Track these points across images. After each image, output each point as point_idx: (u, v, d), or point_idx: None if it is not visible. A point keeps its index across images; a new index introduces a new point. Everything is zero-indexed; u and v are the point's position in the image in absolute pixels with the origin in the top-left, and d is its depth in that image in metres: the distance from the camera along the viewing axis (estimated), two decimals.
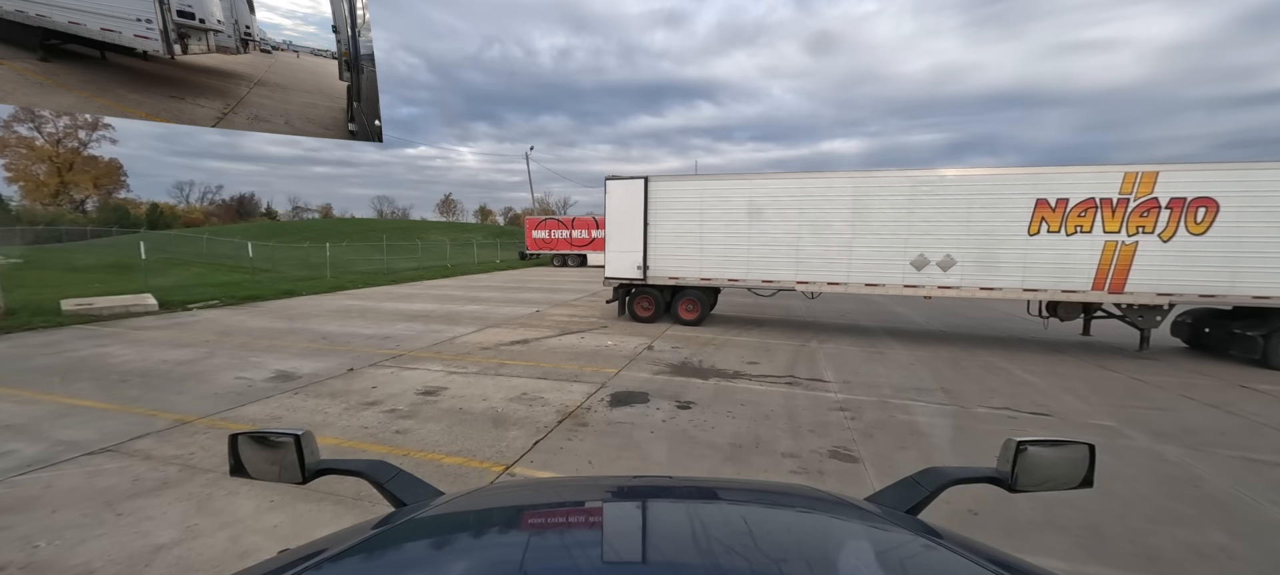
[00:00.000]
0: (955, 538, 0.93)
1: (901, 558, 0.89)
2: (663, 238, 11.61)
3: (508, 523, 1.04)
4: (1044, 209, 9.35)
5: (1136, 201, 8.97)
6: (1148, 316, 9.31)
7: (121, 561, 3.01)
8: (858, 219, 10.31)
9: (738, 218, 11.05)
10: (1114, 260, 9.18)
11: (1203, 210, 8.72)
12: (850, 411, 5.81)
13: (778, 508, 1.12)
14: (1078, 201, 9.20)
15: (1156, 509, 3.77)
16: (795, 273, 10.84)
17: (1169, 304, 9.19)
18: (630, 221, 11.71)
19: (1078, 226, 9.24)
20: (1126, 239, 9.06)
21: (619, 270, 11.97)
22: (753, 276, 11.15)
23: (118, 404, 5.76)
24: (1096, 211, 9.13)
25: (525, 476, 4.16)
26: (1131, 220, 9.01)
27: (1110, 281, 9.21)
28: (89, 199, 63.38)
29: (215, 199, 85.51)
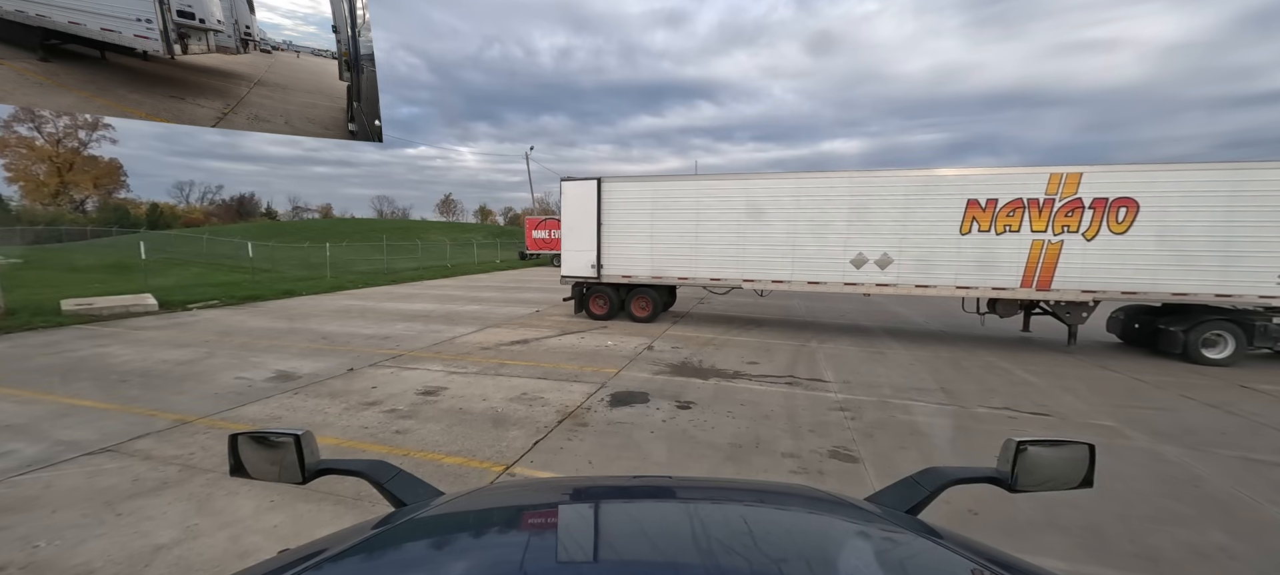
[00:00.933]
0: (955, 538, 0.93)
1: (901, 558, 0.89)
2: (615, 237, 11.90)
3: (508, 523, 1.04)
4: (975, 209, 9.67)
5: (1062, 202, 9.27)
6: (1074, 313, 9.62)
7: (121, 561, 3.01)
8: (800, 219, 10.64)
9: (685, 218, 11.36)
10: (1041, 258, 9.47)
11: (1124, 210, 9.02)
12: (850, 411, 5.81)
13: (778, 508, 1.12)
14: (1006, 202, 9.51)
15: (1156, 509, 3.77)
16: (741, 271, 11.16)
17: (1094, 301, 9.49)
18: (584, 222, 12.00)
19: (1007, 226, 9.56)
20: (1052, 238, 9.37)
21: (574, 269, 12.25)
22: (700, 275, 11.47)
23: (118, 404, 5.76)
24: (1024, 211, 9.44)
25: (525, 476, 4.16)
26: (1057, 220, 9.31)
27: (1038, 279, 9.51)
28: (89, 199, 63.38)
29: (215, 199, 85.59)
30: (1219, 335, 8.77)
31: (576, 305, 12.66)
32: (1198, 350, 8.76)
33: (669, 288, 12.53)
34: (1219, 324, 8.77)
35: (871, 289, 10.41)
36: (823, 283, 10.68)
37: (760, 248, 10.96)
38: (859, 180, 10.31)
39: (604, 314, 12.10)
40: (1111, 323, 10.46)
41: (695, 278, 11.55)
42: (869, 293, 10.53)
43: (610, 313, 12.06)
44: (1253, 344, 8.73)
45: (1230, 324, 8.74)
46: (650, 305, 11.86)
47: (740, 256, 11.13)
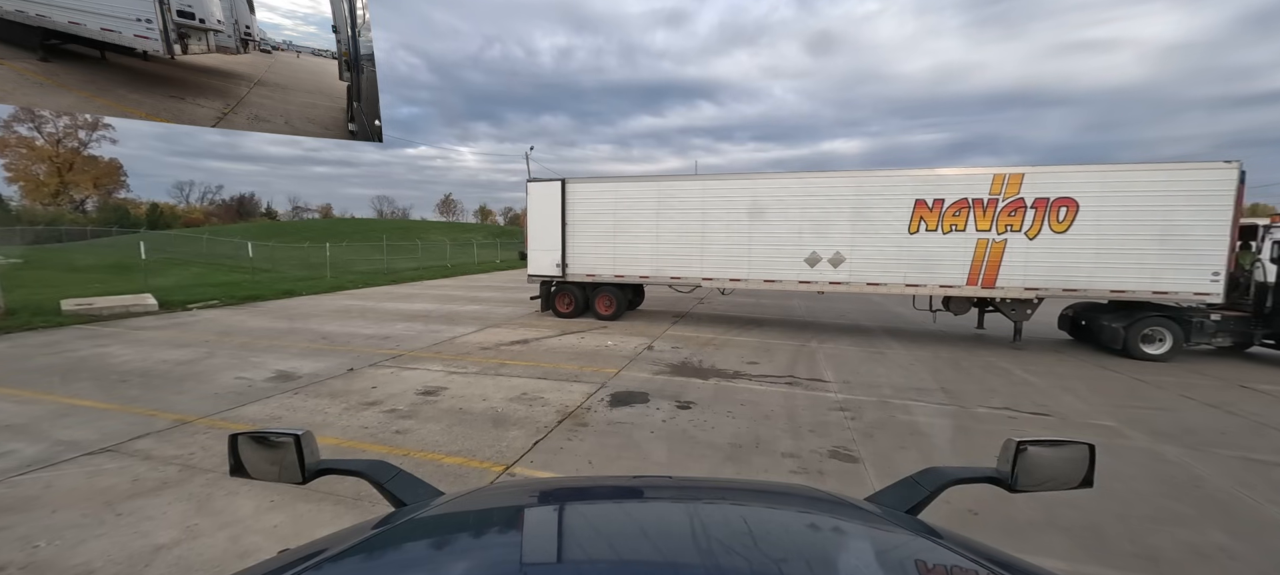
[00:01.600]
0: (955, 538, 0.93)
1: (901, 558, 0.89)
2: (579, 237, 12.15)
3: (508, 523, 1.04)
4: (923, 209, 9.93)
5: (1005, 201, 9.54)
6: (1019, 309, 9.92)
7: (121, 561, 3.01)
8: (756, 219, 10.92)
9: (646, 219, 11.62)
10: (986, 257, 9.74)
11: (1064, 210, 9.27)
12: (850, 411, 5.81)
13: (778, 508, 1.12)
14: (952, 202, 9.78)
15: (1156, 509, 3.77)
16: (701, 270, 11.43)
17: (1038, 298, 9.74)
18: (550, 221, 12.23)
19: (953, 225, 9.83)
20: (996, 237, 9.64)
21: (540, 268, 12.49)
22: (662, 273, 11.73)
23: (118, 404, 5.76)
24: (969, 211, 9.72)
25: (525, 476, 4.16)
26: (1001, 219, 9.58)
27: (983, 277, 9.78)
28: (89, 199, 63.34)
29: (215, 199, 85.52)
30: (1158, 331, 8.98)
31: (543, 304, 12.84)
32: (1137, 346, 8.96)
33: (635, 287, 12.80)
34: (1158, 321, 8.98)
35: (825, 287, 10.70)
36: (778, 281, 10.97)
37: (718, 247, 11.22)
38: (811, 181, 10.63)
39: (569, 312, 12.30)
40: (1062, 320, 10.71)
41: (657, 276, 11.79)
42: (823, 291, 10.81)
43: (575, 310, 12.26)
44: (1190, 341, 8.94)
45: (1169, 320, 8.95)
46: (614, 303, 12.07)
47: (700, 255, 11.39)
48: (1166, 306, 9.13)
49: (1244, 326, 8.94)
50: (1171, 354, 8.87)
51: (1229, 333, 8.99)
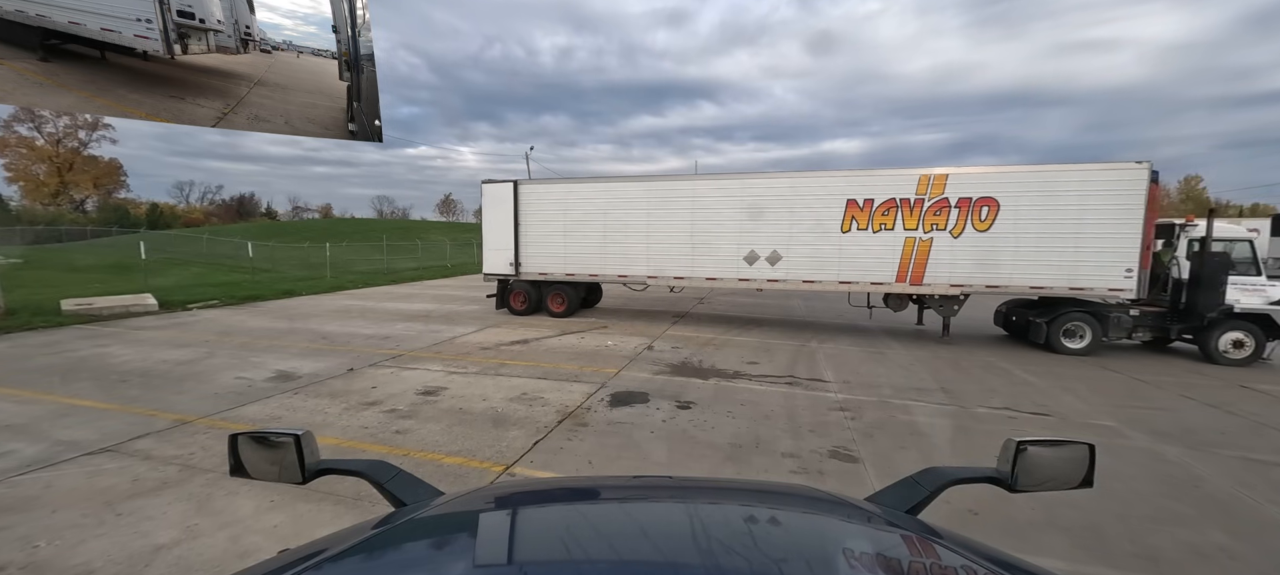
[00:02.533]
0: (955, 538, 0.93)
1: (901, 558, 0.89)
2: (531, 237, 12.46)
3: (508, 523, 1.04)
4: (854, 209, 10.22)
5: (930, 201, 9.81)
6: (947, 306, 10.17)
7: (121, 561, 3.01)
8: (698, 219, 11.21)
9: (595, 218, 11.91)
10: (913, 255, 10.01)
11: (986, 209, 9.56)
12: (850, 411, 5.81)
13: (778, 508, 1.12)
14: (881, 202, 10.05)
15: (1156, 509, 3.77)
16: (646, 268, 11.73)
17: (964, 294, 10.01)
18: (503, 222, 12.54)
19: (882, 225, 10.11)
20: (923, 236, 9.92)
21: (495, 266, 12.81)
22: (609, 271, 12.01)
23: (118, 404, 5.76)
24: (897, 211, 9.99)
25: (525, 476, 4.16)
26: (927, 218, 9.86)
27: (911, 275, 10.07)
28: (89, 199, 63.34)
29: (215, 199, 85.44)
30: (1078, 327, 9.24)
31: (498, 302, 13.05)
32: (1058, 340, 9.26)
33: (592, 285, 13.17)
34: (1077, 316, 9.24)
35: (764, 285, 11.00)
36: (720, 279, 11.27)
37: (663, 246, 11.51)
38: (749, 182, 10.96)
39: (524, 309, 12.50)
40: (996, 316, 10.95)
41: (605, 274, 12.09)
42: (761, 288, 11.12)
43: (529, 308, 12.47)
44: (1107, 335, 9.19)
45: (1088, 315, 9.21)
46: (565, 301, 12.32)
47: (645, 254, 11.68)
48: (1088, 302, 9.40)
49: (1162, 321, 9.19)
50: (1091, 349, 9.15)
51: (1149, 327, 9.26)
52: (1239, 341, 8.60)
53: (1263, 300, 8.60)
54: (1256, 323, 8.56)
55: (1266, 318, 8.54)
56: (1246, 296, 8.61)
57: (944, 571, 0.85)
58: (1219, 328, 8.63)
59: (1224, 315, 8.59)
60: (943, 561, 0.87)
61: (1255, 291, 8.65)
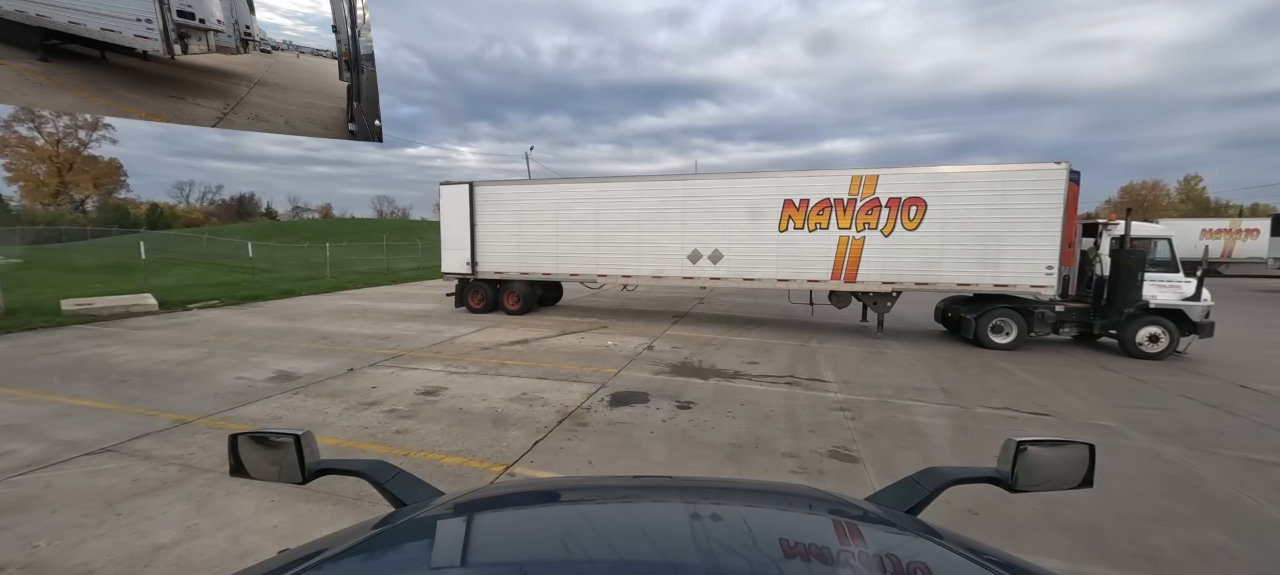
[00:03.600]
0: (955, 538, 0.93)
1: (901, 558, 0.89)
2: (487, 237, 12.82)
3: (507, 523, 1.04)
4: (790, 209, 10.57)
5: (862, 201, 10.15)
6: (881, 302, 10.61)
7: (121, 561, 3.01)
8: (644, 219, 11.56)
9: (547, 219, 12.28)
10: (847, 253, 10.38)
11: (914, 208, 9.89)
12: (850, 411, 5.81)
13: (778, 508, 1.12)
14: (816, 202, 10.41)
15: (1156, 509, 3.77)
16: (596, 266, 12.08)
17: (896, 292, 10.37)
18: (460, 222, 12.89)
19: (817, 224, 10.47)
20: (856, 234, 10.27)
21: (453, 266, 13.18)
22: (562, 270, 12.39)
23: (118, 404, 5.76)
24: (831, 210, 10.34)
25: (525, 476, 4.16)
26: (859, 218, 10.21)
27: (845, 272, 10.43)
28: (89, 199, 63.31)
29: (215, 199, 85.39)
30: (1004, 322, 9.55)
31: (457, 300, 13.33)
32: (986, 335, 9.56)
33: (553, 285, 13.59)
34: (1004, 312, 9.55)
35: (707, 282, 11.36)
36: (665, 277, 11.64)
37: (611, 245, 11.86)
38: (691, 184, 11.35)
39: (481, 308, 12.86)
40: (936, 312, 11.22)
41: (558, 273, 12.46)
42: (705, 286, 11.45)
43: (487, 306, 12.82)
44: (1032, 331, 9.50)
45: (1014, 311, 9.51)
46: (520, 299, 12.63)
47: (594, 253, 12.01)
48: (1017, 298, 9.68)
49: (1086, 317, 9.46)
50: (1016, 343, 9.44)
51: (1074, 323, 9.54)
52: (1155, 336, 8.93)
53: (1177, 296, 8.96)
54: (1170, 318, 8.92)
55: (1179, 313, 8.91)
56: (1162, 293, 8.98)
57: (944, 571, 0.85)
58: (1136, 322, 8.97)
59: (1141, 310, 8.94)
60: (943, 561, 0.87)
61: (1171, 288, 9.01)
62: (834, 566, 0.83)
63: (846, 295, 10.88)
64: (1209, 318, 8.96)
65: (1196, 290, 8.87)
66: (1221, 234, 27.74)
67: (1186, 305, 8.89)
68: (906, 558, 0.89)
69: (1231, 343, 10.01)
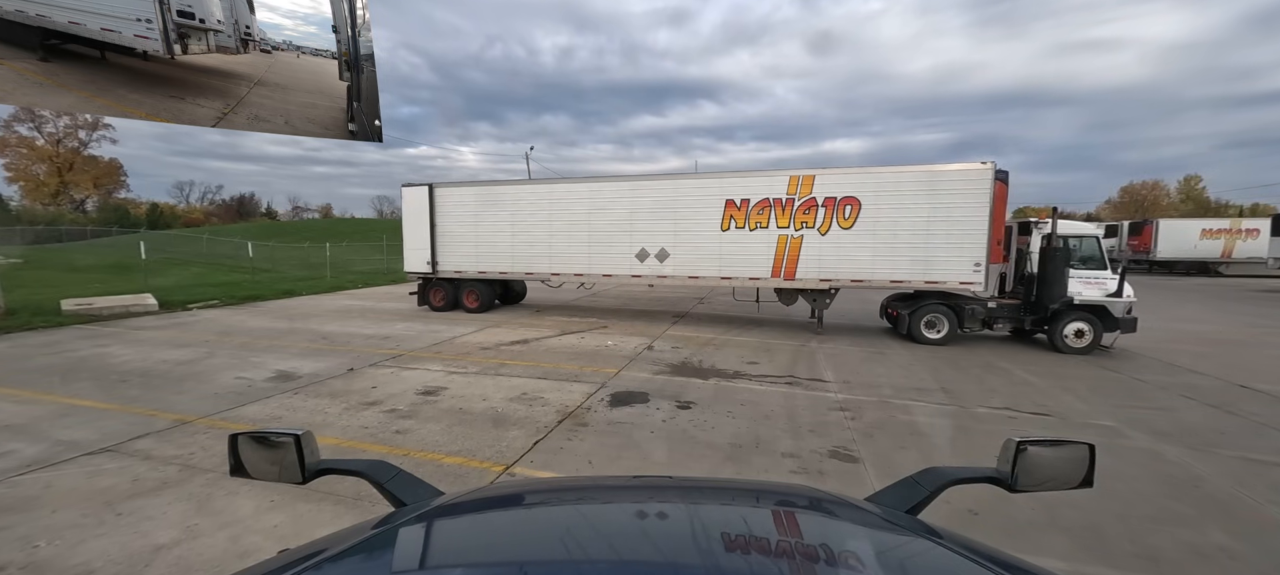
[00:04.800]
0: (955, 538, 0.93)
1: (901, 558, 0.89)
2: (446, 237, 13.15)
3: (507, 523, 1.04)
4: (732, 208, 10.83)
5: (800, 201, 10.42)
6: (820, 299, 10.87)
7: (121, 561, 3.01)
8: (594, 219, 11.86)
9: (503, 219, 12.59)
10: (786, 251, 10.63)
11: (849, 208, 10.16)
12: (850, 411, 5.81)
13: (778, 508, 1.12)
14: (757, 201, 10.66)
15: (1157, 509, 3.77)
16: (549, 265, 12.40)
17: (833, 288, 10.68)
18: (421, 223, 13.22)
19: (758, 223, 10.71)
20: (794, 233, 10.53)
21: (414, 265, 13.53)
22: (517, 269, 12.69)
23: (118, 404, 5.76)
24: (771, 210, 10.60)
25: (525, 476, 4.16)
26: (797, 217, 10.47)
27: (784, 270, 10.69)
28: (89, 199, 63.29)
29: (215, 199, 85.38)
30: (936, 317, 9.76)
31: (419, 299, 13.59)
32: (919, 331, 9.79)
33: (510, 283, 13.85)
34: (935, 308, 9.78)
35: (654, 280, 11.65)
36: (615, 275, 11.94)
37: (563, 244, 12.16)
38: (639, 185, 11.63)
39: (443, 306, 13.15)
40: (881, 309, 11.43)
41: (513, 272, 12.76)
42: (652, 284, 11.76)
43: (448, 304, 13.13)
44: (963, 327, 9.74)
45: (945, 307, 9.73)
46: (479, 298, 12.95)
47: (548, 252, 12.31)
48: (954, 295, 9.85)
49: (1017, 313, 9.64)
50: (948, 339, 9.66)
51: (1007, 319, 9.75)
52: (1080, 331, 9.11)
53: (1101, 293, 9.14)
54: (1094, 313, 9.10)
55: (1103, 308, 9.11)
56: (1088, 289, 9.15)
57: (944, 571, 0.85)
58: (1062, 318, 9.14)
59: (1066, 306, 9.12)
60: (943, 561, 0.87)
61: (1096, 285, 9.18)
62: (834, 567, 0.83)
63: (793, 293, 11.12)
64: (1131, 313, 9.20)
65: (1118, 286, 9.09)
66: (1221, 234, 27.71)
67: (1109, 301, 9.09)
68: (906, 558, 0.89)
69: (1232, 343, 10.01)
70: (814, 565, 0.81)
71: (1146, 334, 9.83)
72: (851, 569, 0.82)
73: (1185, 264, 28.10)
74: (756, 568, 0.78)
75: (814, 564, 0.82)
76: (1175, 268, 28.23)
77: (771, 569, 0.77)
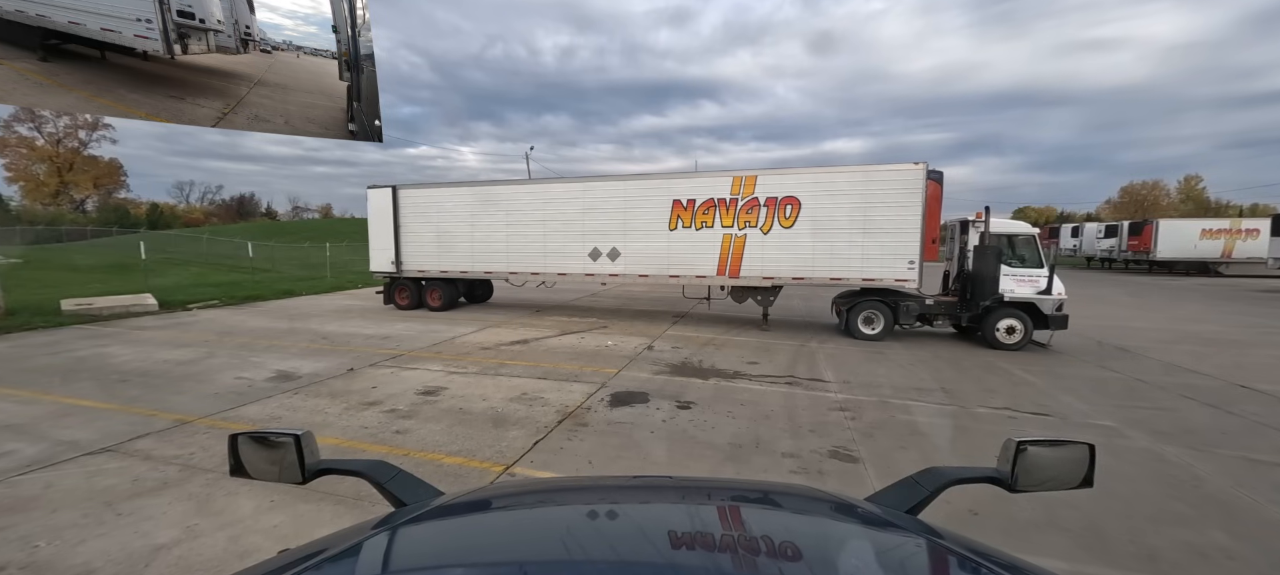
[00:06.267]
0: (955, 538, 0.93)
1: (901, 558, 0.89)
2: (409, 237, 13.47)
3: (507, 523, 1.04)
4: (679, 209, 11.16)
5: (743, 201, 10.71)
6: (765, 296, 11.18)
7: (121, 561, 3.01)
8: (548, 220, 12.18)
9: (463, 220, 12.93)
10: (731, 250, 10.92)
11: (790, 207, 10.45)
12: (850, 411, 5.81)
13: (778, 508, 1.12)
14: (702, 202, 10.98)
15: (1157, 509, 3.77)
16: (507, 265, 12.69)
17: (775, 285, 10.95)
18: (385, 224, 13.56)
19: (703, 222, 11.03)
20: (738, 232, 10.83)
21: (379, 265, 13.86)
22: (476, 268, 12.98)
23: (118, 404, 5.76)
24: (716, 210, 10.91)
25: (525, 476, 4.16)
26: (741, 217, 10.76)
27: (729, 268, 10.99)
28: (89, 199, 63.28)
29: (215, 199, 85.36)
30: (873, 314, 10.06)
31: (386, 298, 13.90)
32: (857, 327, 10.09)
33: (474, 282, 14.06)
34: (873, 304, 10.08)
35: (606, 278, 11.98)
36: (569, 273, 12.22)
37: (520, 244, 12.47)
38: (591, 186, 11.96)
39: (408, 305, 13.47)
40: (832, 307, 11.59)
41: (474, 271, 13.02)
42: (605, 282, 12.13)
43: (412, 303, 13.43)
44: (899, 323, 10.01)
45: (882, 304, 10.04)
46: (441, 296, 13.25)
47: (506, 252, 12.61)
48: (899, 292, 10.10)
49: (954, 310, 9.88)
50: (883, 334, 9.95)
51: (945, 315, 10.04)
52: (1011, 327, 9.31)
53: (1033, 290, 9.28)
54: (1025, 310, 9.27)
55: (1033, 305, 9.27)
56: (1020, 286, 9.32)
57: (944, 571, 0.85)
58: (994, 314, 9.33)
59: (997, 303, 9.31)
60: (943, 561, 0.87)
61: (1028, 282, 9.33)
62: (834, 567, 0.83)
63: (743, 290, 11.33)
64: (1062, 310, 9.32)
65: (1048, 284, 9.21)
66: (1221, 234, 27.71)
67: (1039, 298, 9.24)
68: (906, 558, 0.89)
69: (1232, 343, 10.01)
70: (814, 565, 0.81)
71: (1147, 334, 9.84)
72: (852, 569, 0.82)
73: (1185, 264, 28.09)
74: (756, 568, 0.78)
75: (814, 564, 0.82)
76: (1175, 268, 28.24)
77: (771, 569, 0.77)
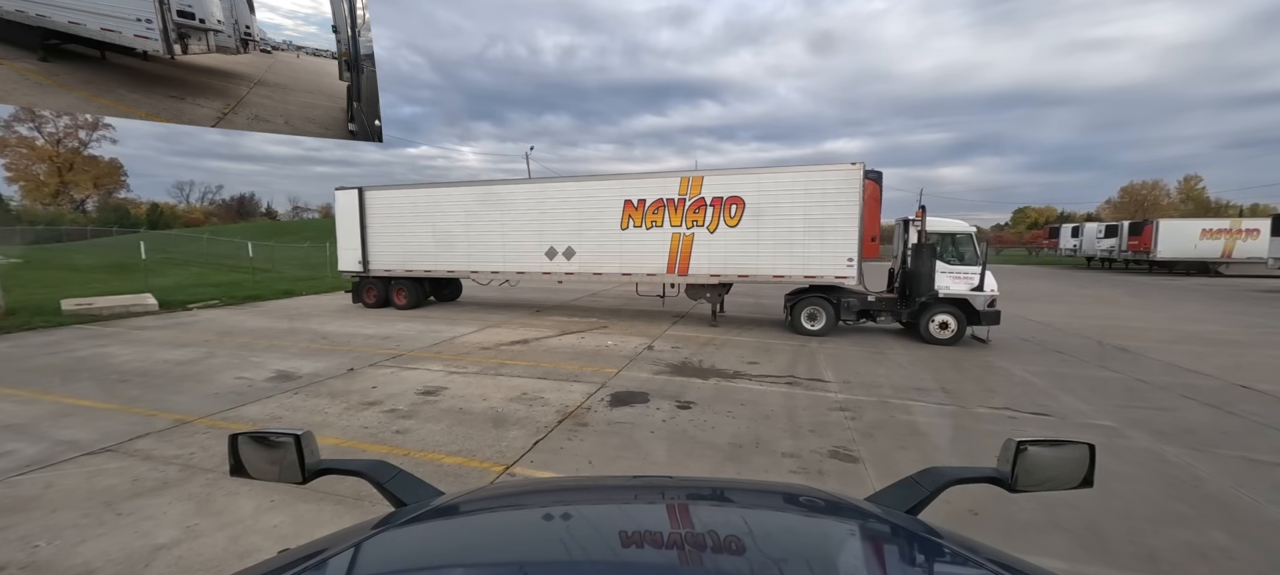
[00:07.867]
0: (955, 538, 0.93)
1: (901, 558, 0.89)
2: (375, 237, 13.82)
3: (507, 523, 1.04)
4: (630, 209, 11.45)
5: (690, 201, 11.02)
6: (715, 293, 11.44)
7: (121, 561, 3.01)
8: (508, 219, 12.49)
9: (425, 220, 13.25)
10: (679, 249, 11.24)
11: (735, 207, 10.73)
12: (850, 411, 5.81)
13: (777, 508, 1.12)
14: (652, 202, 11.27)
15: (1157, 509, 3.77)
16: (468, 264, 12.99)
17: (720, 283, 11.22)
18: (352, 224, 13.91)
19: (653, 222, 11.33)
20: (686, 231, 11.14)
21: (347, 264, 14.24)
22: (439, 267, 13.30)
23: (118, 404, 5.76)
24: (665, 210, 11.21)
25: (525, 476, 4.16)
26: (688, 216, 11.07)
27: (679, 265, 11.29)
28: (89, 199, 63.24)
29: (215, 199, 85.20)
30: (815, 310, 10.42)
31: (354, 297, 14.27)
32: (800, 322, 10.45)
33: (440, 281, 14.30)
34: (815, 301, 10.43)
35: (563, 277, 12.31)
36: (527, 272, 12.54)
37: (480, 244, 12.78)
38: (546, 187, 12.35)
39: (375, 303, 13.86)
40: (784, 304, 11.63)
41: (436, 270, 13.34)
42: (561, 280, 12.49)
43: (379, 302, 13.83)
44: (840, 319, 10.39)
45: (824, 300, 10.39)
46: (407, 295, 13.58)
47: (467, 252, 12.94)
48: (845, 289, 10.39)
49: (895, 306, 10.17)
50: (826, 330, 10.31)
51: (887, 312, 10.29)
52: (944, 323, 9.56)
53: (966, 287, 9.50)
54: (959, 307, 9.52)
55: (966, 301, 9.51)
56: (955, 283, 9.55)
57: (944, 571, 0.85)
58: (929, 310, 9.59)
59: (932, 299, 9.58)
60: (943, 561, 0.87)
61: (962, 279, 9.56)
62: (834, 567, 0.83)
63: (700, 288, 11.53)
64: (994, 307, 9.52)
65: (980, 281, 9.40)
66: (1221, 234, 27.71)
67: (971, 294, 9.45)
68: (906, 558, 0.89)
69: (1232, 343, 10.01)
70: (814, 565, 0.81)
71: (1147, 334, 9.84)
72: (852, 569, 0.82)
73: (1185, 264, 28.10)
74: (756, 568, 0.78)
75: (814, 564, 0.82)
76: (1175, 268, 28.24)
77: (771, 569, 0.77)
